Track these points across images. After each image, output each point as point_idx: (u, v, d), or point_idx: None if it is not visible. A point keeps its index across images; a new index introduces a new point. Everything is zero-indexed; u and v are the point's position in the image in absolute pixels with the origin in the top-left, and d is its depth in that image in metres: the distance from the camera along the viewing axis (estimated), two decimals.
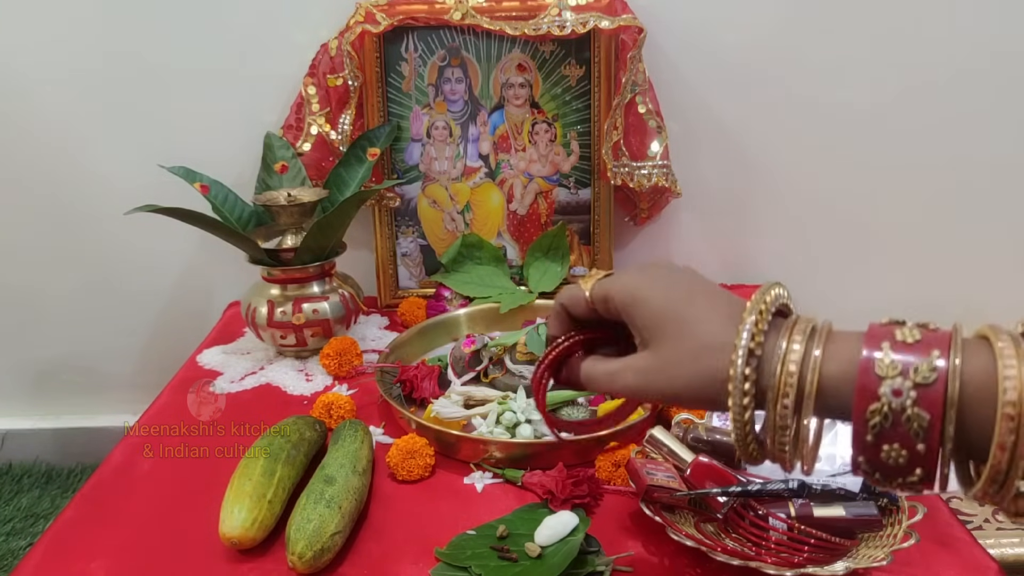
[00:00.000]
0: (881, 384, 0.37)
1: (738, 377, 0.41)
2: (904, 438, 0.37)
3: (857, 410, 0.38)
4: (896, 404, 0.37)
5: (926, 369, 0.37)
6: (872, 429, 0.37)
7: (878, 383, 0.37)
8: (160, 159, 1.03)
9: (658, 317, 0.45)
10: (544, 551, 0.64)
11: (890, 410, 0.37)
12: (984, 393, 0.36)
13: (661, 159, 1.10)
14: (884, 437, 0.37)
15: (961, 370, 0.37)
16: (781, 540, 0.63)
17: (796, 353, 0.40)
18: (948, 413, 0.36)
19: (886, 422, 0.37)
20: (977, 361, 0.37)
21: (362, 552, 0.68)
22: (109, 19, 1.13)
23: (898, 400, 0.37)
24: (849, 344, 0.40)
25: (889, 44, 1.12)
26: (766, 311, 0.42)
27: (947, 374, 0.36)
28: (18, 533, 1.25)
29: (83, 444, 1.38)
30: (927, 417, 0.36)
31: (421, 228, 1.17)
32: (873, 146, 1.18)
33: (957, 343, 0.38)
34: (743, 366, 0.41)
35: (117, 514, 0.73)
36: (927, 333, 0.39)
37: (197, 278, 1.28)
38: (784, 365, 0.40)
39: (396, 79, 1.10)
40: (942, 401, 0.36)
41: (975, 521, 0.95)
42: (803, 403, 0.40)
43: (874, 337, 0.39)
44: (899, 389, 0.37)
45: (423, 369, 0.90)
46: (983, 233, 1.22)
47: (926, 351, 0.37)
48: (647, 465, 0.70)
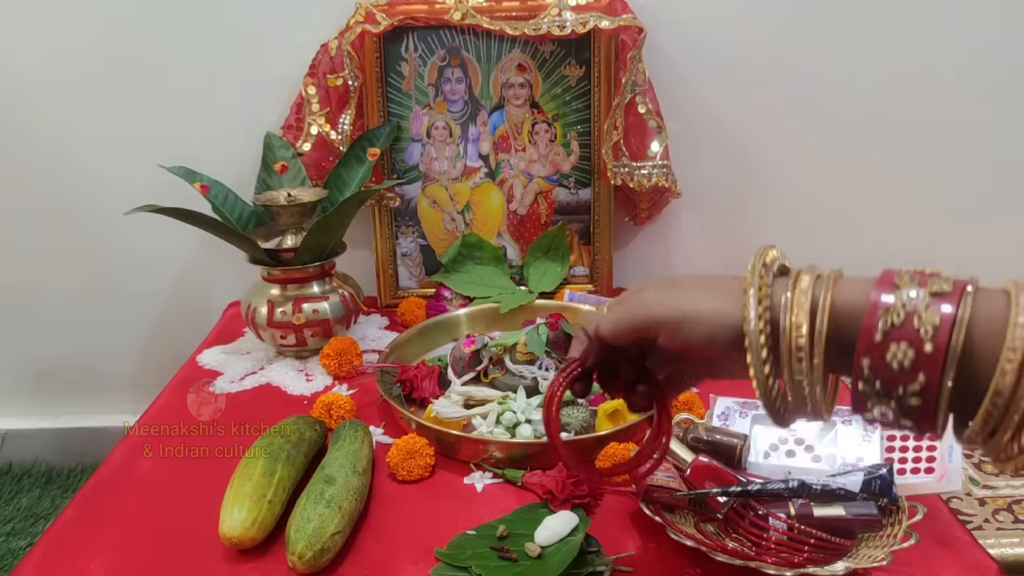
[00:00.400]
0: (897, 290, 0.38)
1: (752, 331, 0.42)
2: (913, 337, 0.37)
3: (870, 309, 0.39)
4: (910, 305, 0.38)
5: (942, 281, 0.38)
6: (882, 328, 0.38)
7: (894, 289, 0.39)
8: (160, 159, 1.03)
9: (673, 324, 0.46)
10: (544, 551, 0.64)
11: (903, 307, 0.38)
12: (992, 333, 0.37)
13: (661, 159, 1.10)
14: (893, 335, 0.38)
15: (974, 299, 0.38)
16: (781, 540, 0.63)
17: (804, 292, 0.41)
18: (958, 324, 0.37)
19: (897, 319, 0.38)
20: (991, 302, 0.38)
21: (362, 552, 0.68)
22: (109, 19, 1.13)
23: (912, 301, 0.38)
24: (862, 281, 0.41)
25: (889, 44, 1.12)
26: (770, 265, 0.44)
27: (961, 292, 0.38)
28: (18, 533, 1.25)
29: (83, 444, 1.38)
30: (937, 320, 0.37)
31: (421, 228, 1.17)
32: (873, 146, 1.18)
33: (973, 280, 0.39)
34: (756, 318, 0.42)
35: (117, 514, 0.73)
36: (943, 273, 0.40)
37: (197, 278, 1.28)
38: (793, 306, 0.41)
39: (396, 79, 1.10)
40: (954, 312, 0.37)
41: (975, 521, 0.95)
42: (815, 342, 0.40)
43: (890, 271, 0.40)
44: (914, 296, 0.38)
45: (423, 369, 0.90)
46: (983, 233, 1.22)
47: (939, 274, 0.39)
48: None
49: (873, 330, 0.38)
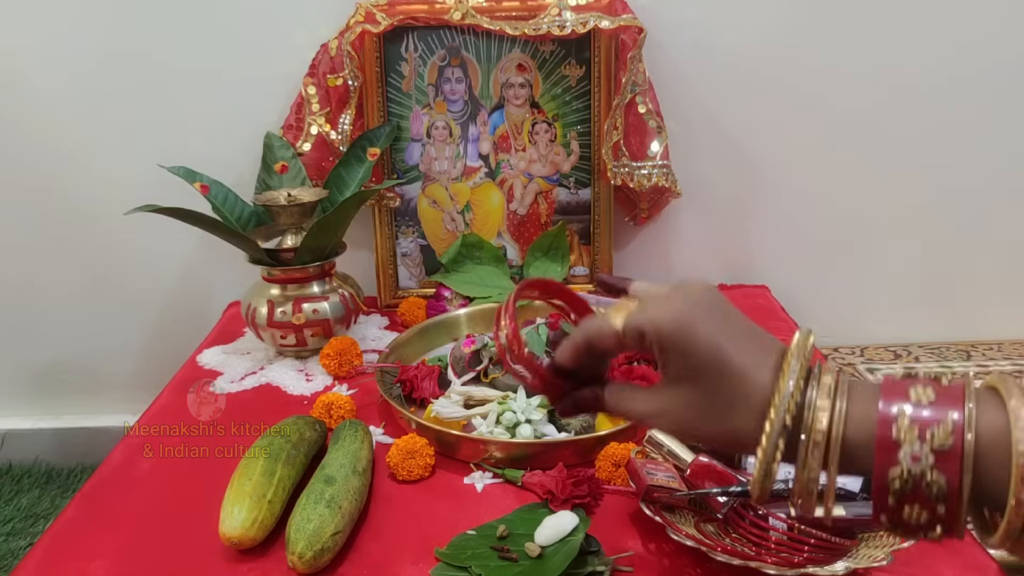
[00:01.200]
0: (900, 449, 0.38)
1: (775, 430, 0.41)
2: (924, 500, 0.38)
3: (878, 474, 0.39)
4: (916, 470, 0.38)
5: (943, 434, 0.38)
6: (893, 493, 0.39)
7: (897, 448, 0.38)
8: (160, 159, 1.03)
9: (705, 358, 0.43)
10: (544, 551, 0.64)
11: (910, 475, 0.38)
12: (999, 448, 0.38)
13: (661, 159, 1.10)
14: (905, 499, 0.39)
15: (976, 430, 0.38)
16: (781, 540, 0.63)
17: (824, 411, 0.41)
18: (965, 477, 0.38)
19: (906, 486, 0.38)
20: (990, 417, 0.38)
21: (362, 552, 0.68)
22: (109, 19, 1.13)
23: (917, 466, 0.38)
24: (868, 401, 0.41)
25: (889, 44, 1.12)
26: (805, 364, 0.42)
27: (963, 436, 0.38)
28: (18, 533, 1.25)
29: (83, 444, 1.38)
30: (945, 481, 0.38)
31: (421, 228, 1.17)
32: (873, 146, 1.18)
33: (970, 396, 0.39)
34: (782, 419, 0.41)
35: (117, 514, 0.73)
36: (940, 391, 0.39)
37: (197, 278, 1.28)
38: (814, 421, 0.41)
39: (396, 79, 1.10)
40: (959, 466, 0.38)
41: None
42: (830, 458, 0.41)
43: (890, 395, 0.40)
44: (917, 455, 0.38)
45: (423, 369, 0.90)
46: (984, 233, 1.22)
47: (941, 413, 0.38)
48: (647, 465, 0.70)
49: (885, 495, 0.39)
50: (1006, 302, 1.27)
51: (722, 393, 0.43)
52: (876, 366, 1.18)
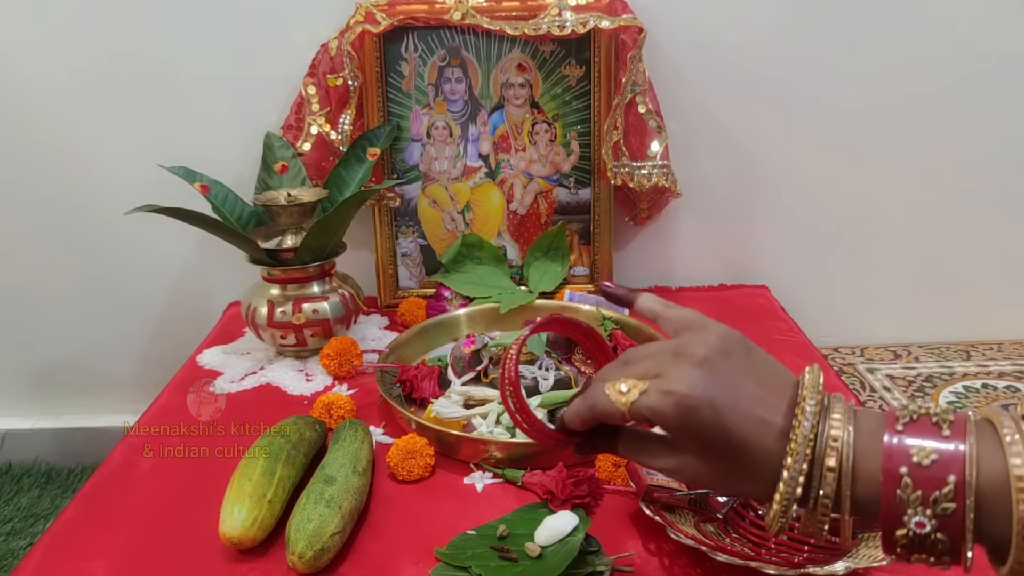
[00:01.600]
0: (904, 513, 0.40)
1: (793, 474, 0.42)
2: (931, 551, 0.40)
3: (885, 532, 0.41)
4: (921, 532, 0.40)
5: (945, 500, 0.39)
6: (901, 546, 0.41)
7: (902, 512, 0.40)
8: (160, 159, 1.03)
9: (711, 440, 0.43)
10: (544, 551, 0.64)
11: (915, 535, 0.40)
12: (999, 490, 0.39)
13: (661, 159, 1.10)
14: (912, 550, 0.41)
15: (977, 483, 0.39)
16: (781, 540, 0.63)
17: (833, 460, 0.42)
18: (968, 536, 0.39)
19: (912, 544, 0.40)
20: (991, 464, 0.39)
21: (362, 552, 0.68)
22: (109, 19, 1.13)
23: (922, 530, 0.40)
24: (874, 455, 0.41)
25: (889, 44, 1.12)
26: (818, 402, 0.43)
27: (964, 499, 0.39)
28: (18, 533, 1.25)
29: (83, 444, 1.38)
30: (949, 539, 0.39)
31: (421, 228, 1.17)
32: (873, 146, 1.18)
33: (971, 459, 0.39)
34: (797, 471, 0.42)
35: (117, 514, 0.73)
36: (942, 445, 0.40)
37: (197, 278, 1.28)
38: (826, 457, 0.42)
39: (396, 79, 1.10)
40: (962, 527, 0.39)
41: None
42: (842, 504, 0.42)
43: (892, 456, 0.41)
44: (923, 522, 0.40)
45: (423, 369, 0.90)
46: (984, 233, 1.22)
47: (943, 475, 0.39)
48: None
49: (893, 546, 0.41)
50: (1006, 302, 1.27)
51: (734, 466, 0.44)
52: (876, 366, 1.18)
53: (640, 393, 0.44)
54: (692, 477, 0.46)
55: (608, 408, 0.45)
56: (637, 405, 0.44)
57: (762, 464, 0.43)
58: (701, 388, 0.43)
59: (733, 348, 0.45)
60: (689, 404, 0.43)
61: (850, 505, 0.42)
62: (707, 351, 0.44)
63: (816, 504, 0.42)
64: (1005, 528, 0.39)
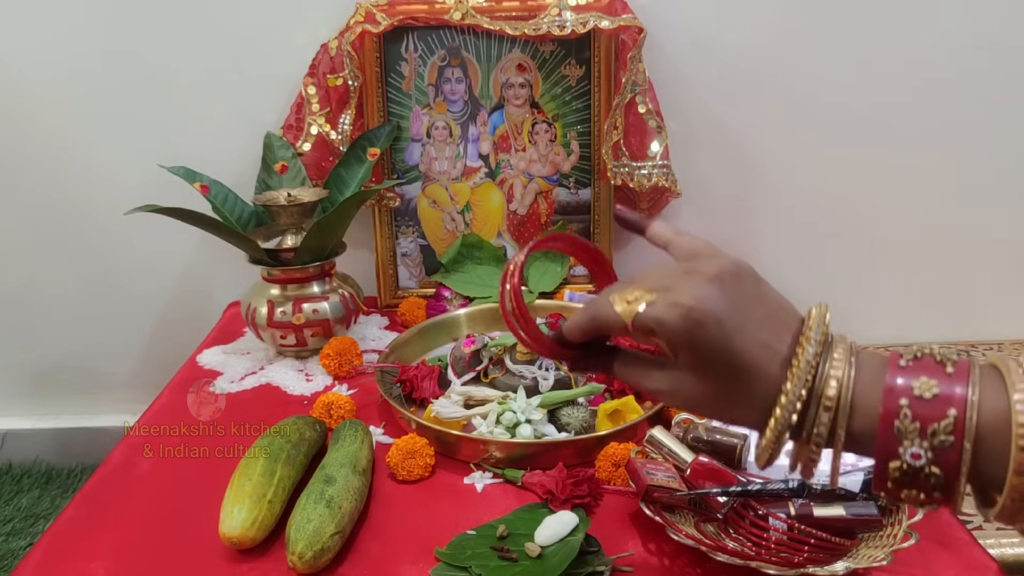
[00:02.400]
0: (900, 444, 0.39)
1: (791, 400, 0.41)
2: (923, 487, 0.39)
3: (878, 464, 0.40)
4: (915, 464, 0.39)
5: (943, 432, 0.38)
6: (893, 480, 0.40)
7: (898, 443, 0.39)
8: (160, 159, 1.03)
9: (715, 358, 0.43)
10: (544, 551, 0.64)
11: (909, 468, 0.39)
12: (999, 433, 0.38)
13: (661, 159, 1.10)
14: (903, 485, 0.40)
15: (978, 418, 0.38)
16: (781, 540, 0.63)
17: (832, 389, 0.41)
18: (963, 469, 0.38)
19: (905, 477, 0.39)
20: (991, 402, 0.38)
21: (362, 552, 0.68)
22: (109, 19, 1.13)
23: (917, 462, 0.39)
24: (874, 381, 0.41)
25: (889, 44, 1.12)
26: (823, 337, 0.43)
27: (963, 433, 0.38)
28: (18, 533, 1.25)
29: (83, 444, 1.38)
30: (943, 474, 0.39)
31: (421, 228, 1.17)
32: (873, 145, 1.18)
33: (974, 384, 0.39)
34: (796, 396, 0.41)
35: (117, 514, 0.73)
36: (944, 381, 0.39)
37: (197, 278, 1.28)
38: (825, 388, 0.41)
39: (396, 79, 1.10)
40: (958, 461, 0.38)
41: (975, 521, 0.94)
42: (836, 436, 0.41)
43: (895, 384, 0.40)
44: (918, 453, 0.39)
45: (423, 369, 0.90)
46: (984, 232, 1.22)
47: (943, 408, 0.38)
48: (647, 465, 0.70)
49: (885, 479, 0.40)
50: (1006, 302, 1.27)
51: (731, 389, 0.43)
52: None
53: (647, 304, 0.43)
54: (686, 399, 0.45)
55: (611, 318, 0.45)
56: (642, 316, 0.43)
57: (760, 389, 0.42)
58: (710, 303, 0.42)
59: (744, 275, 0.45)
60: (696, 317, 0.42)
61: (844, 438, 0.41)
62: (719, 271, 0.44)
63: (810, 437, 0.41)
64: (999, 468, 0.38)
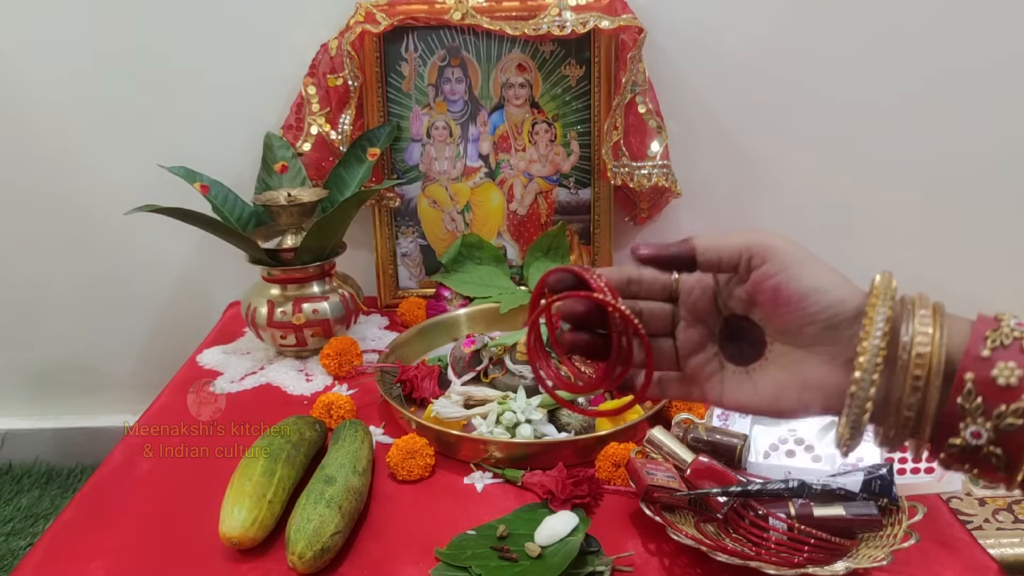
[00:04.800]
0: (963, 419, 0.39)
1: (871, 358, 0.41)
2: (982, 465, 0.39)
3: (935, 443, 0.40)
4: (974, 443, 0.39)
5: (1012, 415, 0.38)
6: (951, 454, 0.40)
7: (961, 416, 0.39)
8: (160, 159, 1.03)
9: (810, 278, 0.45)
10: (544, 551, 0.64)
11: (967, 445, 0.39)
12: None
13: (661, 159, 1.10)
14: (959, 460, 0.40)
15: None
16: (781, 540, 0.63)
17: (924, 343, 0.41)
18: None
19: (964, 453, 0.39)
20: None
21: (362, 552, 0.68)
22: (109, 19, 1.13)
23: (976, 440, 0.39)
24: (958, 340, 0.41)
25: (889, 42, 1.12)
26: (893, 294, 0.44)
27: None
28: (18, 533, 1.25)
29: (83, 444, 1.38)
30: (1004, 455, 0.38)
31: (421, 228, 1.17)
32: (873, 145, 1.17)
33: None
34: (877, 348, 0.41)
35: (117, 514, 0.73)
36: None
37: (197, 278, 1.28)
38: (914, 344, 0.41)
39: (396, 79, 1.10)
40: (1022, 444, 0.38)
41: (975, 521, 0.95)
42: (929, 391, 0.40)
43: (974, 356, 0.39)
44: (978, 432, 0.39)
45: (423, 369, 0.90)
46: (984, 231, 1.22)
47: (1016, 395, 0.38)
48: (647, 465, 0.70)
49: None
50: (1006, 302, 1.26)
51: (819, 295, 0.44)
52: None
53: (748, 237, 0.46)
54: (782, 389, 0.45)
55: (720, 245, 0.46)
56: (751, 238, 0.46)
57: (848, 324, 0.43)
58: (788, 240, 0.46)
59: None
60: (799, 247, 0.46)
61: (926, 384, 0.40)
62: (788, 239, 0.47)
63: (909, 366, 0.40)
64: None
